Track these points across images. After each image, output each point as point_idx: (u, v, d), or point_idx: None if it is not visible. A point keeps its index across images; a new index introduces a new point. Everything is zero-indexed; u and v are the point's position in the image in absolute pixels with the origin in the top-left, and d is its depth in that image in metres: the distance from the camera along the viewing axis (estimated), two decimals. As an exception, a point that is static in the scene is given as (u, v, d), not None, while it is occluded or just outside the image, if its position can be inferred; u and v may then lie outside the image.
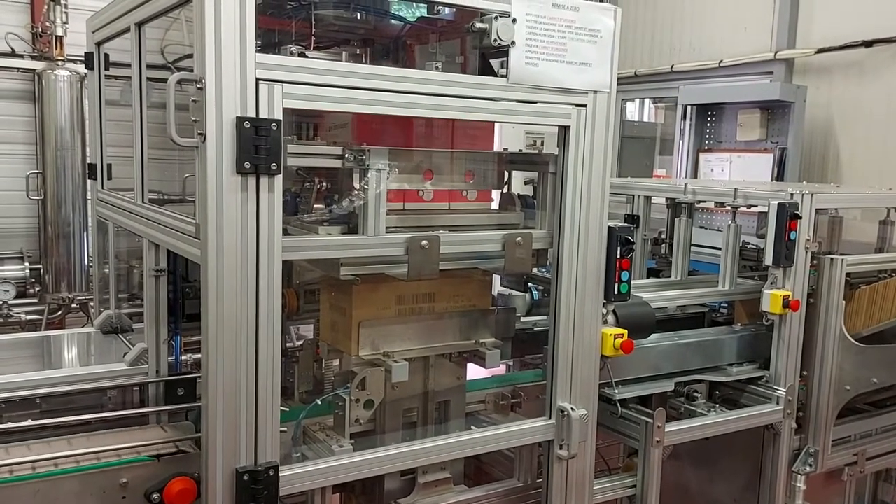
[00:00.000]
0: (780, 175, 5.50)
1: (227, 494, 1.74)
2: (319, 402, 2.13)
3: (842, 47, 5.46)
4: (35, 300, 5.19)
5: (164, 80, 1.74)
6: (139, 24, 2.22)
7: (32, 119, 5.34)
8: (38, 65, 5.14)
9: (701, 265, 3.46)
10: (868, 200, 3.21)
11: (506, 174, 2.40)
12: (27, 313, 5.11)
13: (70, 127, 5.01)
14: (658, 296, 2.81)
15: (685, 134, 6.25)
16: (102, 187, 2.72)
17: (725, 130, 6.05)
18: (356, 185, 1.97)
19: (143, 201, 2.25)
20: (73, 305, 5.15)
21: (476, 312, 2.33)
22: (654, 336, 2.72)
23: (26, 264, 5.19)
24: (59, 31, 5.00)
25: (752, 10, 6.09)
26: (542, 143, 7.00)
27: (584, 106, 2.17)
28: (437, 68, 1.96)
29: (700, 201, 3.15)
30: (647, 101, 8.07)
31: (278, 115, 1.70)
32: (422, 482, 2.26)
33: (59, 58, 5.06)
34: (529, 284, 2.87)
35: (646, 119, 8.20)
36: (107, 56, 2.72)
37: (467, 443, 2.17)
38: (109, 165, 2.74)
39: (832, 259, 2.78)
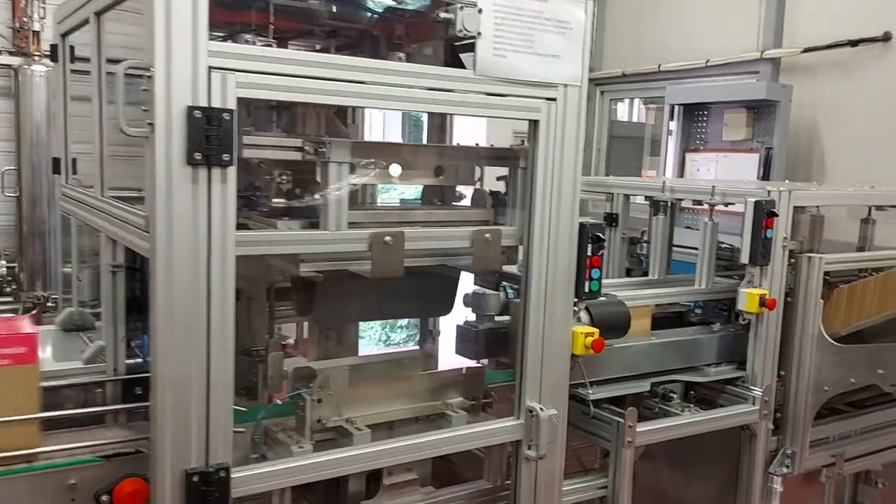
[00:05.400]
0: (765, 175, 5.47)
1: (176, 496, 1.68)
2: (280, 402, 2.08)
3: (827, 46, 5.44)
4: (10, 299, 5.12)
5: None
6: (98, 14, 2.16)
7: (11, 115, 5.28)
8: (16, 60, 5.08)
9: (685, 266, 3.41)
10: (846, 198, 3.18)
11: (478, 170, 2.36)
12: (2, 312, 5.04)
13: (46, 123, 4.95)
14: (633, 294, 2.77)
15: (672, 134, 6.23)
16: (66, 182, 2.66)
17: (712, 130, 6.02)
18: (318, 179, 1.92)
19: (102, 195, 2.19)
20: (49, 304, 5.08)
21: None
22: (630, 335, 2.68)
23: (2, 262, 5.12)
24: (36, 27, 4.93)
25: (739, 9, 6.05)
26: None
27: (555, 100, 2.13)
28: (400, 59, 1.91)
29: (678, 199, 3.11)
30: (637, 101, 8.05)
31: (231, 105, 1.65)
32: (387, 483, 2.20)
33: (36, 53, 4.99)
34: (504, 283, 2.83)
35: (639, 120, 8.19)
36: (72, 48, 2.65)
37: (433, 443, 2.12)
38: (74, 160, 2.68)
39: (810, 258, 2.75)
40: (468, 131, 3.03)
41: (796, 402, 2.79)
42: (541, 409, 2.20)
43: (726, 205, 2.90)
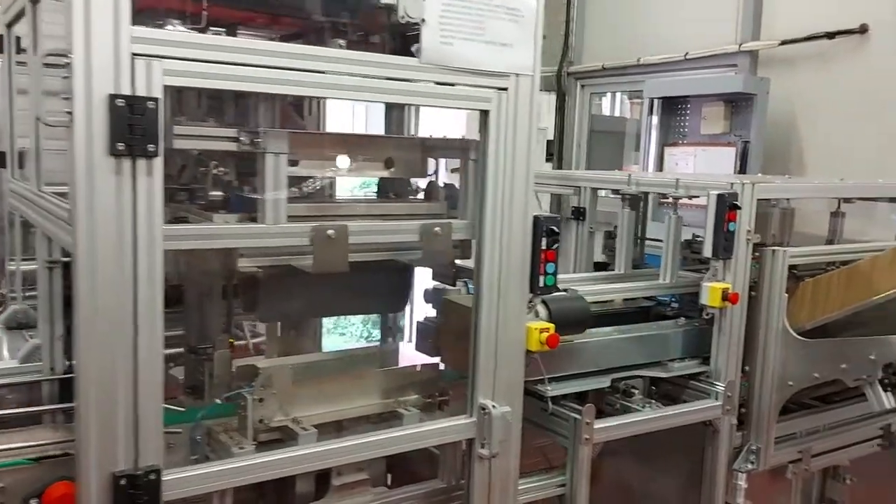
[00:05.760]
0: (742, 168, 5.43)
1: (104, 500, 1.62)
2: (220, 402, 2.02)
3: (805, 39, 5.40)
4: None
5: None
6: (34, 2, 2.10)
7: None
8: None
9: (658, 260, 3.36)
10: (811, 191, 3.14)
11: (433, 162, 2.31)
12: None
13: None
14: (595, 289, 2.72)
15: (651, 128, 6.18)
16: (13, 177, 2.59)
17: (691, 124, 5.98)
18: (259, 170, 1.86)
19: (38, 190, 2.12)
20: None
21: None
22: (592, 331, 2.63)
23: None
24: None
25: (718, 1, 6.01)
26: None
27: (506, 90, 2.07)
28: (340, 47, 1.85)
29: (643, 192, 3.06)
30: (620, 95, 8.00)
31: (156, 93, 1.59)
32: (336, 484, 2.15)
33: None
34: (466, 279, 2.77)
35: (625, 115, 8.14)
36: (18, 39, 2.59)
37: (381, 443, 2.06)
38: (21, 154, 2.61)
39: (774, 251, 2.70)
40: (449, 123, 2.95)
41: (761, 398, 2.75)
42: (493, 406, 2.15)
43: (690, 198, 2.86)
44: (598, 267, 3.43)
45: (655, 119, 6.16)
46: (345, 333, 4.80)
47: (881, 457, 3.21)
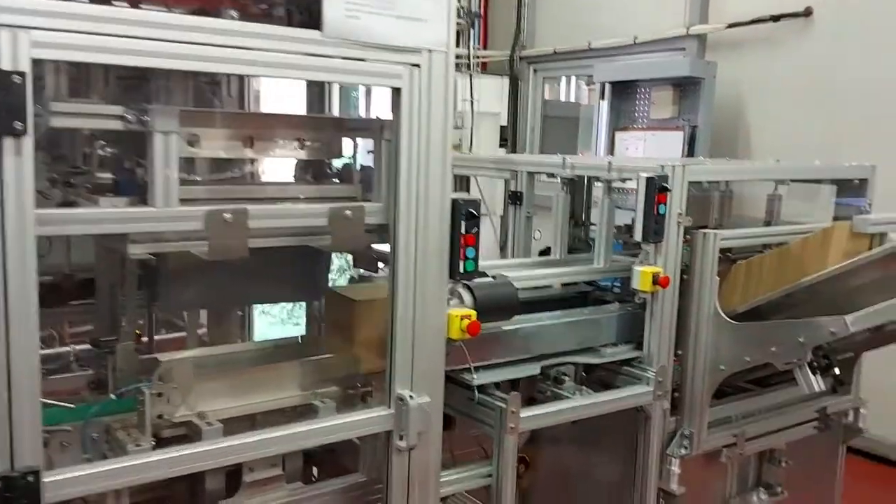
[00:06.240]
0: (691, 153, 5.43)
1: (-25, 505, 1.51)
2: (114, 398, 1.91)
3: (751, 22, 5.40)
4: None
5: None
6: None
7: None
8: None
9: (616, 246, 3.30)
10: (745, 173, 3.11)
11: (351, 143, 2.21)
12: None
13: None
14: (526, 275, 2.66)
15: (602, 113, 6.15)
16: None
17: (640, 109, 5.96)
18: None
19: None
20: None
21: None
22: (522, 317, 2.57)
23: None
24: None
25: (668, -16, 5.99)
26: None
27: (418, 66, 1.98)
28: (233, 18, 1.74)
29: (578, 176, 3.00)
30: (574, 80, 7.96)
31: (23, 67, 1.46)
32: (248, 481, 2.06)
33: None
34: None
35: (583, 101, 8.10)
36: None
37: (291, 437, 1.97)
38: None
39: (705, 234, 2.66)
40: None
41: (693, 382, 2.72)
42: (410, 396, 2.07)
43: (624, 181, 2.81)
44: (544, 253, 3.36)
45: (606, 104, 6.13)
46: (289, 322, 4.69)
47: (817, 439, 3.22)
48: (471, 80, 6.60)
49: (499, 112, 7.19)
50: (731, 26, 5.55)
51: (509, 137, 7.26)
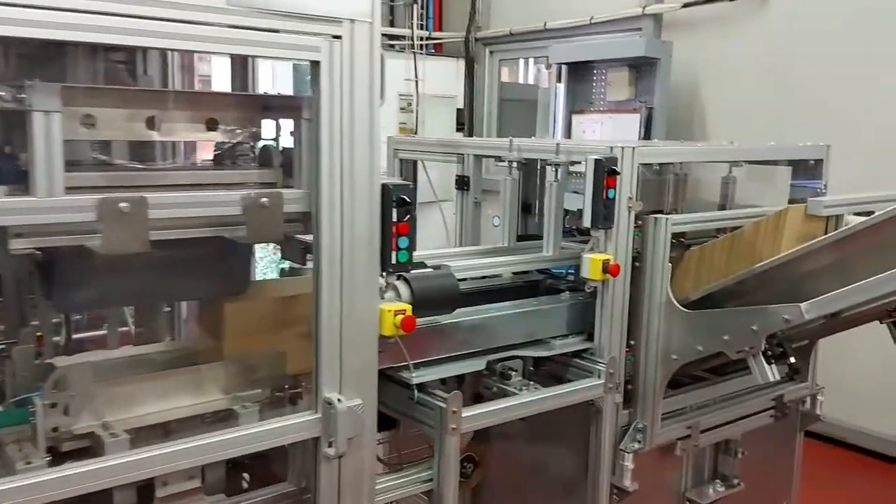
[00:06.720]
0: (647, 135, 5.33)
1: None
2: (13, 407, 1.71)
3: (706, 1, 5.31)
4: None
5: None
6: None
7: None
8: None
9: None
10: (697, 154, 2.99)
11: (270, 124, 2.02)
12: None
13: None
14: (469, 264, 2.51)
15: (559, 95, 6.02)
16: None
17: (597, 91, 5.84)
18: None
19: None
20: None
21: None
22: (466, 309, 2.42)
23: None
24: None
25: (623, -37, 5.86)
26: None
27: (339, 38, 1.80)
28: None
29: (526, 160, 2.84)
30: (532, 63, 7.81)
31: None
32: (161, 495, 1.87)
33: None
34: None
35: (542, 84, 7.95)
36: None
37: (207, 447, 1.79)
38: None
39: (656, 219, 2.54)
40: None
41: (646, 374, 2.61)
42: (339, 399, 1.91)
43: (572, 164, 2.66)
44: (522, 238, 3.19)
45: (563, 86, 6.00)
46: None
47: (774, 428, 3.14)
48: (415, 59, 6.38)
49: (455, 95, 7.01)
50: (686, 6, 5.44)
51: (466, 121, 7.09)
